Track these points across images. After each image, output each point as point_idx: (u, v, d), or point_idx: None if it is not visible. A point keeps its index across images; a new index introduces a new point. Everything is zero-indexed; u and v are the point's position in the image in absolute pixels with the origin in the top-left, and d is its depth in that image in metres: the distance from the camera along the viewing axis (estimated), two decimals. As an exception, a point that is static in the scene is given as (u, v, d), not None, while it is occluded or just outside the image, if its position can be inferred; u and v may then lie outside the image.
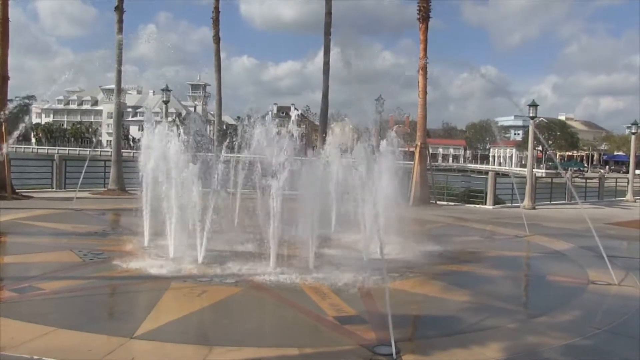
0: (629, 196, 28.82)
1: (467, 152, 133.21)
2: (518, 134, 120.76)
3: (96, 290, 7.91)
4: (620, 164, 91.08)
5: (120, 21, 22.25)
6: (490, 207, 22.21)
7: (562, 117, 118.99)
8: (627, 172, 32.68)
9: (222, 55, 25.33)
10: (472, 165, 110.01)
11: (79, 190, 18.78)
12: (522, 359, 5.63)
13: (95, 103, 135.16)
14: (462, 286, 8.60)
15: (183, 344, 5.66)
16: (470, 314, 7.11)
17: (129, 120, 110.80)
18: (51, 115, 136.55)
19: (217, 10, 25.36)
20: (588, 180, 32.60)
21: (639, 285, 8.86)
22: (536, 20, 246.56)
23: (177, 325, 6.31)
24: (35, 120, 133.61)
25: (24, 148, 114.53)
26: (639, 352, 6.08)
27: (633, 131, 30.42)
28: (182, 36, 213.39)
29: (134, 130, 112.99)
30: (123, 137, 24.82)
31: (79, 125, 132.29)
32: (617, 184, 31.71)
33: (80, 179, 19.29)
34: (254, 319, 6.80)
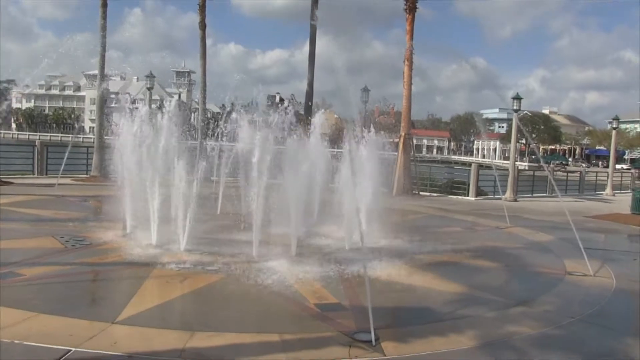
0: (608, 190, 29.25)
1: (452, 143, 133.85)
2: (502, 127, 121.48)
3: (78, 276, 7.93)
4: (602, 159, 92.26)
5: (105, 5, 22.03)
6: (473, 198, 22.43)
7: (546, 111, 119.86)
8: (607, 166, 33.13)
9: (209, 42, 25.25)
10: (456, 157, 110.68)
11: (61, 177, 18.65)
12: (498, 347, 5.74)
13: (78, 89, 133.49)
14: (441, 275, 8.71)
15: (165, 329, 5.71)
16: (449, 303, 7.23)
17: (112, 107, 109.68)
18: (32, 101, 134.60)
19: (204, -5, 25.11)
20: (569, 174, 33.01)
21: (613, 276, 9.05)
22: (527, 13, 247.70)
23: (159, 311, 6.37)
24: (15, 105, 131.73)
25: (4, 134, 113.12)
26: (611, 339, 6.28)
27: (614, 126, 30.81)
28: (168, 22, 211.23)
29: (117, 117, 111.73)
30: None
31: (61, 111, 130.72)
32: (598, 178, 32.14)
33: (62, 165, 19.14)
34: (236, 305, 6.86)
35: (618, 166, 51.70)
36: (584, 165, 78.47)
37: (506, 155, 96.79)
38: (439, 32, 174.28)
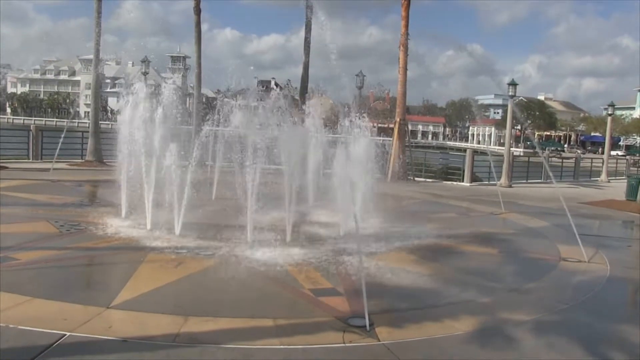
0: (603, 177, 29.33)
1: (447, 129, 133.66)
2: (498, 113, 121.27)
3: (73, 261, 7.91)
4: (597, 145, 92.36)
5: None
6: (468, 184, 22.46)
7: (541, 97, 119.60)
8: (602, 153, 33.20)
9: (205, 27, 25.10)
10: (451, 143, 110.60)
11: (56, 161, 18.59)
12: (491, 333, 5.76)
13: (73, 73, 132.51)
14: (436, 261, 8.75)
15: (159, 313, 5.71)
16: (443, 289, 7.25)
17: (107, 92, 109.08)
18: (27, 85, 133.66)
19: (198, -20, 24.83)
20: (565, 160, 33.07)
21: (607, 263, 9.10)
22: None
23: (154, 296, 6.35)
24: (10, 89, 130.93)
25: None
26: (605, 326, 6.32)
27: (609, 113, 30.82)
28: (164, 6, 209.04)
29: (112, 102, 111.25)
30: (101, 109, 24.50)
31: (56, 96, 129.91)
32: (593, 164, 32.22)
33: (57, 150, 19.06)
34: (230, 290, 6.85)
35: (613, 153, 51.81)
36: (579, 151, 78.61)
37: (501, 141, 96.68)
38: (435, 17, 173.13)
